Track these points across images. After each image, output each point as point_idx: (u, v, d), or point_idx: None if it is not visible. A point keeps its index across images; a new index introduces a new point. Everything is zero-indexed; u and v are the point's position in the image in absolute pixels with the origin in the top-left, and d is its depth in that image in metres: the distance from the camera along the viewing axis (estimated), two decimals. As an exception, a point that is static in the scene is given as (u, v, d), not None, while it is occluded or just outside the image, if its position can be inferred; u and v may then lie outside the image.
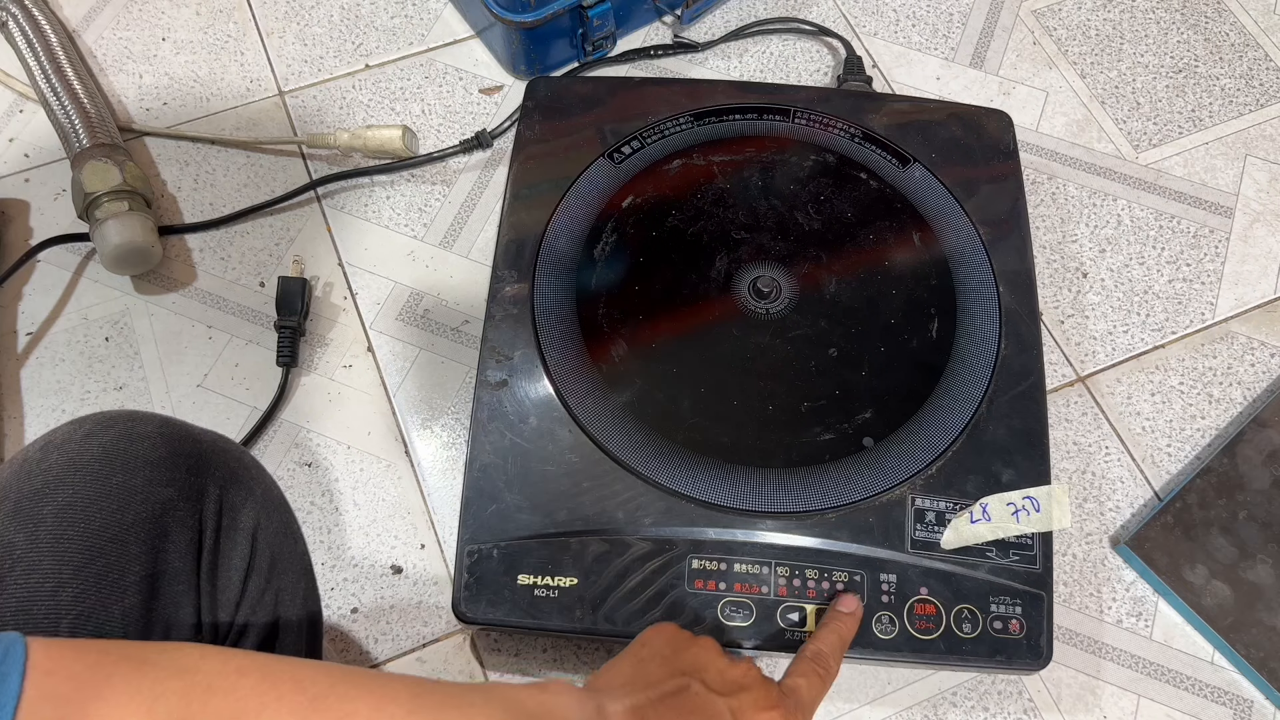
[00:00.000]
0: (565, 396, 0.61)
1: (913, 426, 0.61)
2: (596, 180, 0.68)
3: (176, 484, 0.43)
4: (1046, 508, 0.59)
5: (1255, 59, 0.87)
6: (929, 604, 0.57)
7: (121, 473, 0.42)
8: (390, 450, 0.70)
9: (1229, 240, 0.79)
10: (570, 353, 0.62)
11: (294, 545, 0.51)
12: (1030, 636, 0.56)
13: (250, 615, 0.45)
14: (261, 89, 0.84)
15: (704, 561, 0.57)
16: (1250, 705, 0.64)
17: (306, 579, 0.51)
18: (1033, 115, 0.84)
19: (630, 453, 0.59)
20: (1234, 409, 0.73)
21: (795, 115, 0.72)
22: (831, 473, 0.59)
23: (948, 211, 0.68)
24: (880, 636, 0.56)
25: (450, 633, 0.65)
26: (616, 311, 0.64)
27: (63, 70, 0.78)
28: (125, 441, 0.43)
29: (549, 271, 0.65)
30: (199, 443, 0.46)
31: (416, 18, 0.87)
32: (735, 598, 0.56)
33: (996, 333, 0.64)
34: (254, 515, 0.47)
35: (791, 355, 0.63)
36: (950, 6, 0.89)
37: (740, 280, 0.65)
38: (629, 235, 0.67)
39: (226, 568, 0.45)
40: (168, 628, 0.42)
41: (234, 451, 0.48)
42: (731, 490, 0.59)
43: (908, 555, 0.57)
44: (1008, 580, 0.57)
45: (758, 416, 0.61)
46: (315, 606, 0.52)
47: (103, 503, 0.41)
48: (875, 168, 0.70)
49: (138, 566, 0.41)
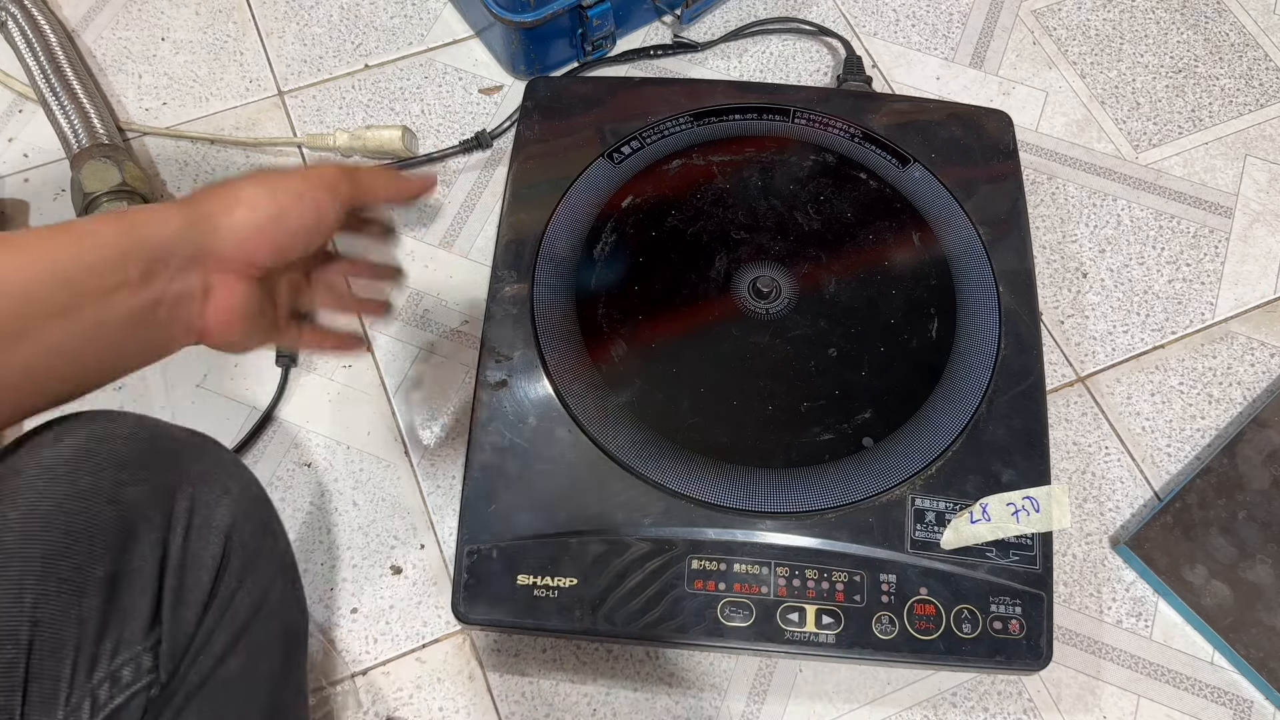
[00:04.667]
0: (565, 396, 0.61)
1: (912, 426, 0.61)
2: (596, 180, 0.68)
3: (146, 483, 0.43)
4: (1046, 508, 0.59)
5: (1255, 59, 0.87)
6: (929, 604, 0.57)
7: (89, 474, 0.42)
8: (390, 450, 0.70)
9: (1229, 240, 0.79)
10: (570, 353, 0.62)
11: (273, 544, 0.50)
12: (1030, 637, 0.56)
13: (220, 615, 0.45)
14: (261, 89, 0.84)
15: (704, 562, 0.57)
16: (1250, 705, 0.64)
17: (287, 577, 0.50)
18: (1032, 115, 0.84)
19: (630, 453, 0.59)
20: (1234, 409, 0.73)
21: (795, 115, 0.72)
22: (831, 473, 0.59)
23: (947, 211, 0.68)
24: (880, 636, 0.56)
25: (450, 633, 0.65)
26: (616, 311, 0.64)
27: (62, 70, 0.78)
28: (95, 442, 0.43)
29: (549, 271, 0.65)
30: (174, 441, 0.46)
31: (416, 18, 0.87)
32: (735, 598, 0.56)
33: (996, 333, 0.64)
34: (229, 513, 0.46)
35: (791, 355, 0.63)
36: (950, 6, 0.89)
37: (740, 280, 0.65)
38: (628, 235, 0.67)
39: (195, 566, 0.44)
40: (122, 627, 0.41)
41: (211, 450, 0.48)
42: (731, 490, 0.59)
43: (907, 555, 0.57)
44: (1007, 580, 0.57)
45: (757, 416, 0.61)
46: (297, 606, 0.52)
47: (68, 504, 0.41)
48: (875, 168, 0.70)
49: (99, 568, 0.41)
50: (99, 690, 0.40)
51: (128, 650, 0.41)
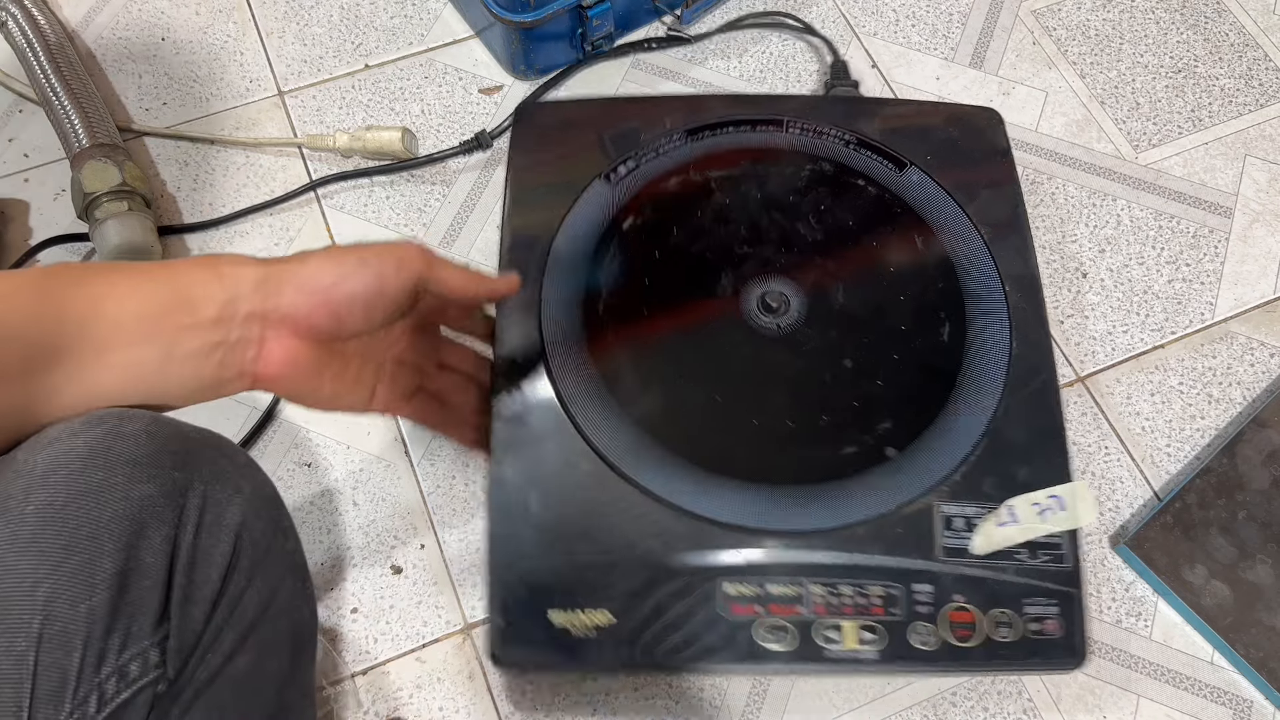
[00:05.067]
0: (583, 428, 0.60)
1: (934, 433, 0.60)
2: (594, 204, 0.67)
3: (158, 480, 0.43)
4: (1072, 505, 0.58)
5: (1255, 59, 0.87)
6: (965, 611, 0.56)
7: (102, 470, 0.42)
8: (390, 450, 0.70)
9: (1228, 240, 0.79)
10: (584, 383, 0.61)
11: (283, 543, 0.50)
12: (1067, 635, 0.56)
13: (229, 613, 0.45)
14: (261, 89, 0.84)
15: (738, 586, 0.56)
16: (1250, 705, 0.64)
17: (296, 577, 0.51)
18: (1032, 115, 0.84)
19: (654, 480, 0.58)
20: (1233, 409, 0.73)
21: (789, 126, 0.71)
22: (858, 486, 0.59)
23: (947, 213, 0.68)
24: (920, 648, 0.55)
25: (450, 633, 0.65)
26: (627, 339, 0.63)
27: (62, 70, 0.78)
28: (109, 439, 0.43)
29: (555, 302, 0.63)
30: (187, 439, 0.46)
31: (416, 18, 0.87)
32: (773, 620, 0.55)
33: (1007, 331, 0.64)
34: (240, 512, 0.46)
35: (806, 369, 0.62)
36: (950, 6, 0.89)
37: (748, 296, 0.64)
38: (632, 259, 0.65)
39: (205, 564, 0.44)
40: (131, 622, 0.42)
41: (225, 448, 0.48)
42: (759, 512, 0.58)
43: (940, 563, 0.57)
44: (1040, 580, 0.57)
45: (779, 434, 0.60)
46: (307, 607, 0.52)
47: (81, 500, 0.41)
48: (872, 173, 0.69)
49: (109, 563, 0.41)
50: (106, 684, 0.40)
51: (135, 645, 0.41)
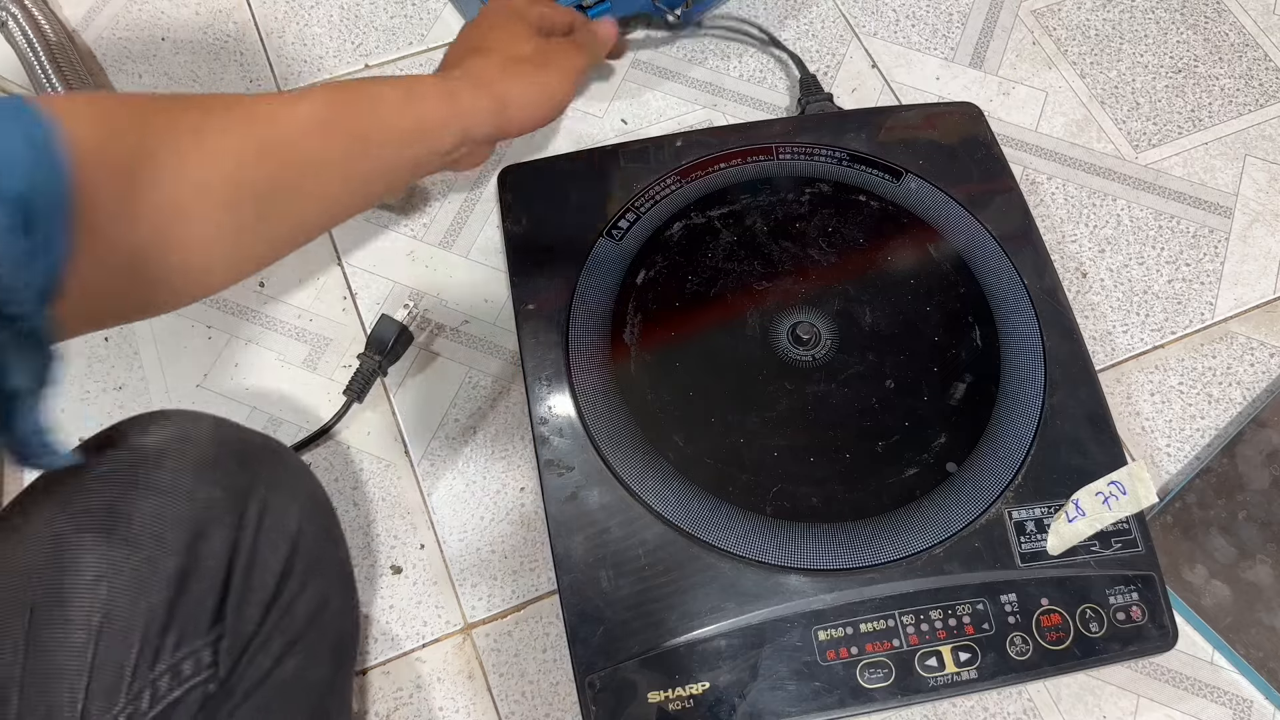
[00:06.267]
0: (641, 495, 0.58)
1: (990, 439, 0.60)
2: (604, 265, 0.66)
3: (222, 484, 0.45)
4: (1132, 488, 0.59)
5: (1255, 59, 0.87)
6: (1054, 613, 0.56)
7: (171, 472, 0.43)
8: (390, 450, 0.70)
9: (1228, 240, 0.79)
10: (632, 449, 0.60)
11: (334, 550, 0.51)
12: (1155, 618, 0.57)
13: (280, 617, 0.46)
14: (260, 89, 0.84)
15: (829, 631, 0.56)
16: (1250, 705, 0.64)
17: (344, 584, 0.52)
18: (1032, 115, 0.84)
19: (724, 537, 0.57)
20: (1233, 409, 0.73)
21: (778, 152, 0.70)
22: (927, 507, 0.58)
23: (951, 214, 0.68)
24: (1017, 659, 0.55)
25: (450, 632, 0.65)
26: (667, 396, 0.62)
27: (63, 70, 0.78)
28: (178, 442, 0.44)
29: (585, 370, 0.63)
30: (249, 444, 0.47)
31: (416, 18, 0.87)
32: (870, 659, 0.55)
33: (1035, 324, 0.64)
34: (297, 519, 0.47)
35: (851, 397, 0.61)
36: (950, 6, 0.89)
37: (777, 332, 0.64)
38: (655, 315, 0.64)
39: (262, 569, 0.45)
40: (187, 622, 0.42)
41: (283, 454, 0.50)
42: (835, 552, 0.57)
43: (1020, 570, 0.57)
44: (1118, 569, 0.58)
45: (839, 469, 0.60)
46: (351, 616, 0.52)
47: (149, 498, 0.42)
48: (872, 187, 0.69)
49: (171, 563, 0.42)
50: (159, 681, 0.41)
51: (190, 645, 0.42)
